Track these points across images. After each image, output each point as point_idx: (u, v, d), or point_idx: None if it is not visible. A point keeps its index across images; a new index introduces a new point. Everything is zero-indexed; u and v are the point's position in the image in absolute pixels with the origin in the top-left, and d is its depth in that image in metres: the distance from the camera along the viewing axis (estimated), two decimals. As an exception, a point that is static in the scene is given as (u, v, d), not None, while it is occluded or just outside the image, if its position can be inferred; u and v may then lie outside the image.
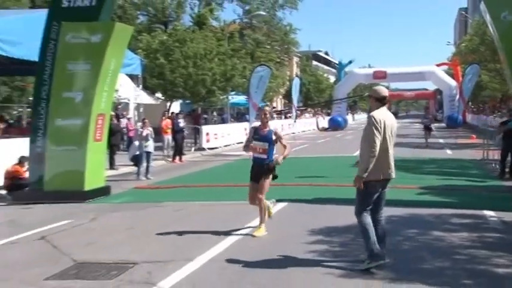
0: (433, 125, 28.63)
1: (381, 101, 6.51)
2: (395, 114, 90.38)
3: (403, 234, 8.42)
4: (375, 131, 6.24)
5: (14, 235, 8.89)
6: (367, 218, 6.46)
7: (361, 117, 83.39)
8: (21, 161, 12.94)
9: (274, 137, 8.47)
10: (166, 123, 21.89)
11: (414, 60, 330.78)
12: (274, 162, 8.48)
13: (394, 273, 6.33)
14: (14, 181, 12.77)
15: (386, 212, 9.80)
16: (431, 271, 6.50)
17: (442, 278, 6.17)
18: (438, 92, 66.92)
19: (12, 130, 18.54)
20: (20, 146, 13.32)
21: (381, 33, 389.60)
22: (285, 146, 8.54)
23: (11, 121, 25.36)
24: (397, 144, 24.82)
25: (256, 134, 8.52)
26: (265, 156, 8.41)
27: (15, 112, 30.38)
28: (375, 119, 6.29)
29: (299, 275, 6.33)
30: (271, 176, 8.50)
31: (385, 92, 6.62)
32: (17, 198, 12.39)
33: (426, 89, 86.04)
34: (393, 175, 6.64)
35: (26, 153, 12.81)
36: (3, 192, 12.97)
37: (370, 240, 6.32)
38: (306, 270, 6.54)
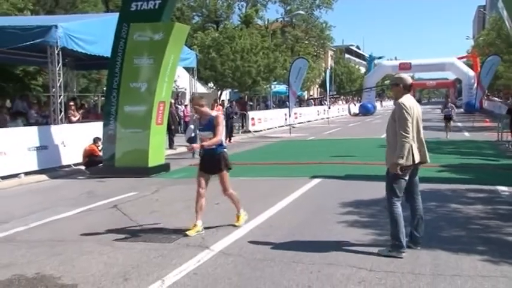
0: (455, 113, 22.14)
1: (407, 88, 5.97)
2: (419, 101, 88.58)
3: (424, 206, 8.15)
4: (407, 117, 5.59)
5: (91, 204, 9.13)
6: (398, 208, 5.73)
7: (389, 104, 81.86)
8: (95, 141, 13.23)
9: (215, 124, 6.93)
10: (218, 109, 22.01)
11: (436, 53, 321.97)
12: (195, 147, 7.31)
13: (416, 241, 6.24)
14: (90, 158, 13.09)
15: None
16: (449, 238, 6.38)
17: (459, 245, 6.04)
18: (457, 81, 65.22)
19: (90, 115, 18.94)
20: (96, 129, 13.62)
21: (406, 29, 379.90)
22: (214, 135, 6.85)
23: (88, 108, 25.90)
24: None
25: (200, 125, 7.14)
26: (213, 146, 6.94)
27: (91, 100, 30.96)
28: (405, 105, 5.66)
29: (332, 242, 6.29)
30: (227, 168, 7.06)
31: (410, 80, 6.12)
32: (93, 172, 12.71)
33: (446, 79, 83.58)
34: (426, 159, 5.98)
35: (100, 135, 13.11)
36: (82, 167, 13.31)
37: (400, 231, 5.66)
38: (338, 238, 6.50)
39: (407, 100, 5.79)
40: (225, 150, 7.11)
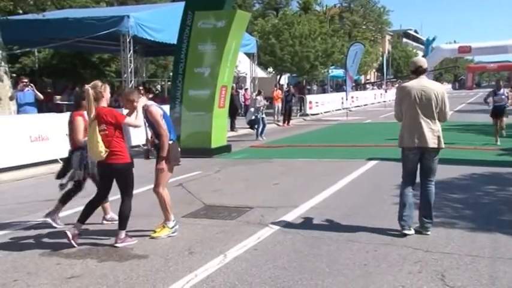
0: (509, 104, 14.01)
1: (414, 72, 5.74)
2: (478, 85, 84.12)
3: (483, 189, 7.93)
4: (397, 100, 5.74)
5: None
6: (403, 189, 5.65)
7: (447, 87, 78.85)
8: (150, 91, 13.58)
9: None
10: (277, 93, 21.96)
11: (497, 35, 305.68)
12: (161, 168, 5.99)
13: (474, 224, 5.99)
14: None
15: (468, 170, 9.36)
16: (509, 223, 6.08)
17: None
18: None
19: (157, 99, 19.42)
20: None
21: (466, 12, 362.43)
22: (159, 134, 5.86)
23: (156, 92, 26.55)
24: (479, 111, 23.42)
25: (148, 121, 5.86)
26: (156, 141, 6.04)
27: (159, 85, 31.73)
28: (400, 88, 5.91)
29: (388, 222, 6.15)
30: (166, 162, 6.06)
31: (419, 64, 5.85)
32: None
33: (509, 61, 79.26)
34: (428, 144, 5.47)
35: (167, 117, 13.39)
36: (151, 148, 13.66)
37: (400, 212, 5.62)
38: (394, 218, 6.31)
39: (408, 83, 5.74)
40: (171, 142, 6.04)
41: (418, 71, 5.70)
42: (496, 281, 4.34)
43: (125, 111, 5.77)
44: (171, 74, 19.24)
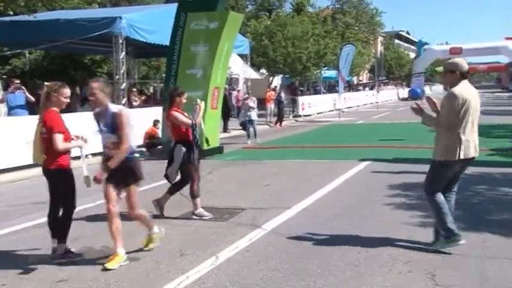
0: None
1: (465, 75, 5.03)
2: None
3: (473, 189, 7.97)
4: (452, 110, 4.90)
5: (150, 184, 9.31)
6: (441, 197, 5.10)
7: (439, 88, 79.22)
8: (155, 123, 13.55)
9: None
10: (270, 94, 21.97)
11: (487, 36, 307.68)
12: (97, 178, 4.97)
13: (464, 223, 6.00)
14: (150, 139, 13.41)
15: (458, 171, 9.39)
16: (498, 222, 6.13)
17: (508, 229, 5.79)
18: (510, 64, 62.13)
19: (150, 101, 19.36)
20: (156, 113, 13.88)
21: (457, 14, 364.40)
22: (121, 142, 5.00)
23: (148, 94, 26.45)
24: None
25: (99, 123, 5.14)
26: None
27: (151, 86, 31.57)
28: (456, 97, 4.88)
29: (379, 223, 6.19)
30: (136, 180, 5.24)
31: (467, 66, 5.16)
32: (152, 154, 13.00)
33: (498, 63, 79.75)
34: (475, 154, 5.12)
35: (159, 118, 13.36)
36: (143, 149, 13.64)
37: (448, 220, 5.00)
38: (385, 219, 6.38)
39: (463, 90, 4.93)
40: (136, 156, 5.31)
41: (466, 75, 5.08)
42: (486, 280, 4.37)
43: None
44: (163, 75, 19.20)
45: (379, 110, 31.75)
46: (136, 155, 5.33)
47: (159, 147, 13.23)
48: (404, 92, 51.25)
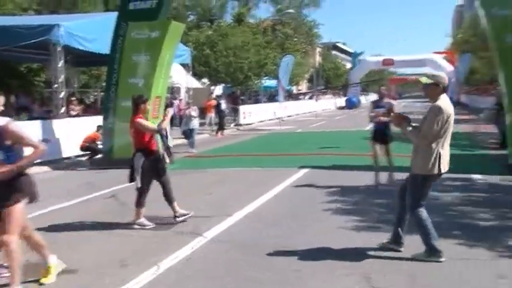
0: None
1: (446, 89, 5.04)
2: (400, 96, 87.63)
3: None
4: (437, 124, 4.90)
5: (91, 194, 9.08)
6: (424, 213, 5.13)
7: (372, 98, 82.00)
8: (98, 128, 13.21)
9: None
10: (210, 103, 21.91)
11: (417, 49, 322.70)
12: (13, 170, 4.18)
13: (396, 227, 6.25)
14: (91, 144, 13.02)
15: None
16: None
17: (437, 231, 6.04)
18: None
19: (90, 110, 18.81)
20: (95, 122, 13.50)
21: (389, 27, 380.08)
22: (33, 150, 4.38)
23: (88, 103, 25.70)
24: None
25: None
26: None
27: (91, 96, 30.74)
28: (442, 111, 4.89)
29: (318, 228, 6.31)
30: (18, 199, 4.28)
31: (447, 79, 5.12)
32: (93, 164, 12.64)
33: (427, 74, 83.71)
34: (447, 168, 5.11)
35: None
36: (83, 159, 13.24)
37: (432, 236, 5.05)
38: (324, 224, 6.51)
39: (446, 104, 4.94)
40: (23, 177, 4.38)
41: (446, 88, 5.08)
42: (416, 280, 4.55)
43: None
44: (104, 84, 18.72)
45: (317, 119, 32.42)
46: (24, 176, 4.40)
47: (99, 156, 12.87)
48: (341, 101, 52.67)
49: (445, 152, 5.04)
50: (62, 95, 14.25)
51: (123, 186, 9.65)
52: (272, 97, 42.56)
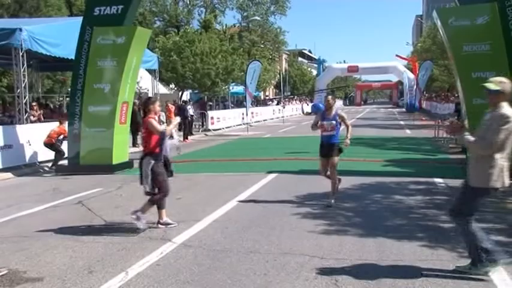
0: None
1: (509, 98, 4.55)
2: (365, 102, 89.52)
3: (370, 198, 8.45)
4: (503, 131, 4.43)
5: (57, 200, 8.89)
6: (475, 224, 4.71)
7: (338, 103, 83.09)
8: (61, 122, 12.91)
9: None
10: (169, 108, 21.47)
11: (381, 56, 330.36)
12: None
13: (363, 230, 6.37)
14: (56, 143, 12.64)
15: (358, 180, 9.92)
16: (392, 227, 6.54)
17: (401, 233, 6.21)
18: (400, 83, 67.02)
19: (54, 115, 18.40)
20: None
21: (353, 35, 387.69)
22: None
23: (53, 108, 25.13)
24: (367, 125, 24.71)
25: None
26: None
27: (56, 101, 30.13)
28: (510, 118, 4.43)
29: (287, 232, 6.35)
30: None
31: None
32: (58, 170, 12.37)
33: (390, 81, 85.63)
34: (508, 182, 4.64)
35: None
36: (47, 165, 12.94)
37: (480, 246, 4.63)
38: (292, 228, 6.56)
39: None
40: None
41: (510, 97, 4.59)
42: (381, 281, 4.63)
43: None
44: (69, 89, 18.37)
45: (285, 124, 32.65)
46: None
47: (62, 160, 12.60)
48: (308, 107, 53.17)
49: (507, 164, 4.55)
50: (26, 100, 13.92)
51: (89, 192, 9.53)
52: (240, 103, 42.67)
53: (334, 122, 8.01)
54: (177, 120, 7.33)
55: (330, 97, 8.50)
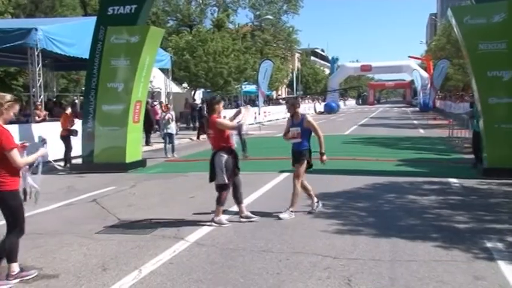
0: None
1: None
2: (378, 101, 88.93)
3: (384, 198, 8.40)
4: None
5: (71, 198, 8.97)
6: None
7: (351, 103, 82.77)
8: (65, 108, 13.08)
9: None
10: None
11: (394, 55, 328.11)
12: None
13: (376, 230, 6.33)
14: (71, 131, 12.85)
15: (371, 180, 9.87)
16: (406, 227, 6.49)
17: (415, 233, 6.16)
18: (413, 82, 66.45)
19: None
20: (75, 126, 13.32)
21: (366, 34, 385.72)
22: None
23: (64, 106, 25.27)
24: (380, 125, 24.59)
25: None
26: None
27: (72, 100, 30.40)
28: None
29: (299, 232, 6.34)
30: None
31: None
32: (72, 168, 12.48)
33: (404, 80, 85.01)
34: None
35: (79, 132, 12.85)
36: (62, 163, 13.06)
37: None
38: (305, 228, 6.55)
39: None
40: None
41: None
42: (395, 282, 4.60)
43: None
44: (83, 88, 18.53)
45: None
46: None
47: (78, 161, 12.71)
48: (320, 106, 53.07)
49: None
50: (41, 99, 14.06)
51: (103, 190, 9.60)
52: (252, 102, 42.66)
53: (299, 128, 7.29)
54: (248, 107, 7.41)
55: (291, 101, 7.80)
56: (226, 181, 6.72)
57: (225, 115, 7.62)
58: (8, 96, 4.74)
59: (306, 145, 7.42)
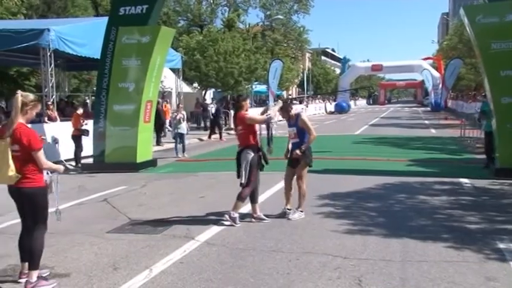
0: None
1: None
2: (389, 101, 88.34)
3: (394, 198, 8.35)
4: None
5: (82, 197, 9.02)
6: None
7: (362, 103, 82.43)
8: (76, 108, 13.16)
9: None
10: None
11: (405, 55, 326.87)
12: None
13: (387, 230, 6.30)
14: (82, 131, 12.97)
15: (381, 180, 9.82)
16: (417, 227, 6.45)
17: (425, 233, 6.13)
18: (424, 82, 66.00)
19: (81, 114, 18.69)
20: (86, 126, 13.42)
21: (377, 34, 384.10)
22: None
23: (76, 106, 25.45)
24: (391, 125, 24.53)
25: None
26: None
27: (83, 100, 30.62)
28: None
29: (309, 232, 6.33)
30: None
31: None
32: (84, 168, 12.57)
33: (415, 80, 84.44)
34: None
35: (90, 132, 12.93)
36: (73, 163, 13.14)
37: None
38: (314, 228, 6.54)
39: None
40: None
41: None
42: (406, 282, 4.58)
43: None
44: (95, 88, 18.65)
45: (307, 123, 32.51)
46: None
47: (89, 160, 12.79)
48: (331, 106, 52.91)
49: None
50: (53, 99, 14.18)
51: (114, 190, 9.66)
52: (263, 102, 42.68)
53: (294, 128, 7.32)
54: (279, 103, 7.45)
55: (284, 106, 7.55)
56: (243, 181, 6.79)
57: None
58: (32, 96, 4.81)
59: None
